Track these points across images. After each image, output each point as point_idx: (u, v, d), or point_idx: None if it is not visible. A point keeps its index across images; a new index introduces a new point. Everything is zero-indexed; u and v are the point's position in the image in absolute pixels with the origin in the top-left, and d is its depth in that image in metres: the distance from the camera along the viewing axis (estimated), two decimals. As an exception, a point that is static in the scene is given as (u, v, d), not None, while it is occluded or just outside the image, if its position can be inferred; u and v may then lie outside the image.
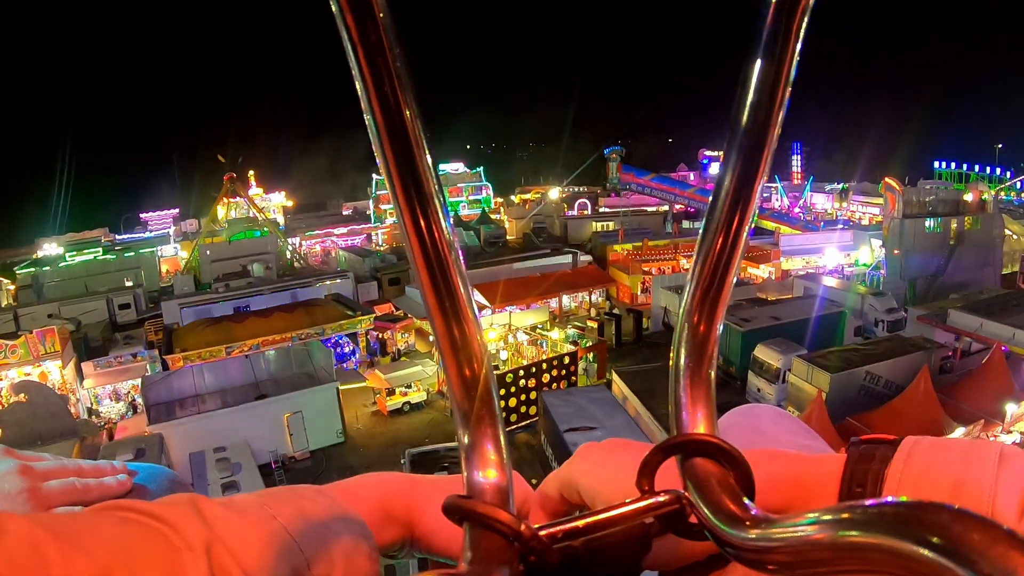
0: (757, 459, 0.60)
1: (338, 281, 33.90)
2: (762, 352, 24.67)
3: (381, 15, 0.46)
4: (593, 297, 35.03)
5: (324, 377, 23.56)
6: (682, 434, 0.63)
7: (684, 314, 0.65)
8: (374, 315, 29.38)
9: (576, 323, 29.72)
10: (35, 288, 42.04)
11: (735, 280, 0.62)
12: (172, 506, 0.54)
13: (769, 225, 46.52)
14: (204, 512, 0.55)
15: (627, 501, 0.61)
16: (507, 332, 28.09)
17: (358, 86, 0.48)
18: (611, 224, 48.84)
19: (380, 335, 29.81)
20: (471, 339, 0.58)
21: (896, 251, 34.85)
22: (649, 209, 52.47)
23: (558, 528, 0.59)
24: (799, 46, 0.52)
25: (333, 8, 0.46)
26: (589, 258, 37.49)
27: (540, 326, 29.02)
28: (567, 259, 36.79)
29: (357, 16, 0.46)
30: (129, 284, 40.58)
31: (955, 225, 36.94)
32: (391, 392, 24.80)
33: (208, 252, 43.53)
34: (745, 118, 0.56)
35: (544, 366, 24.47)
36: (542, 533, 0.57)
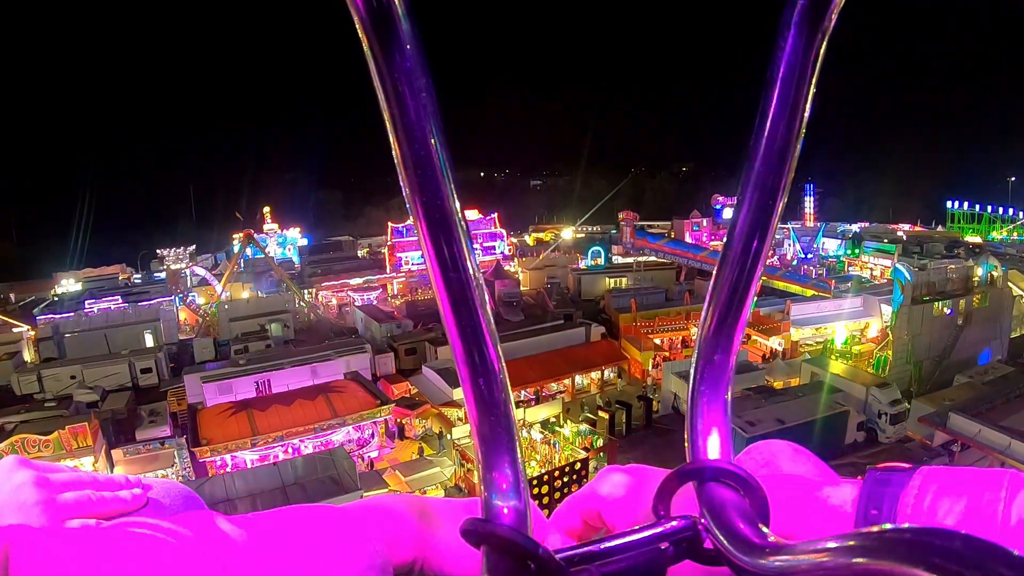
0: (773, 484, 0.62)
1: (356, 356, 34.70)
2: (766, 462, 25.44)
3: (408, 46, 0.48)
4: (606, 374, 35.75)
5: (348, 484, 24.44)
6: (698, 460, 0.65)
7: (701, 343, 0.68)
8: (393, 404, 30.23)
9: (587, 415, 30.48)
10: (55, 339, 42.80)
11: (749, 319, 0.66)
12: (188, 523, 0.55)
13: (779, 285, 47.01)
14: (220, 530, 0.56)
15: (643, 526, 0.63)
16: (521, 427, 28.87)
17: (385, 115, 0.50)
18: (624, 280, 49.50)
19: (399, 420, 30.69)
20: (491, 362, 0.60)
21: (905, 335, 35.37)
22: (663, 260, 53.01)
23: (575, 552, 0.61)
24: (815, 78, 0.55)
25: (361, 37, 0.47)
26: (603, 330, 38.10)
27: (553, 419, 29.79)
28: (580, 331, 37.43)
29: (385, 46, 0.47)
30: (150, 342, 41.60)
31: (963, 305, 37.38)
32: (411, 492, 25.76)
33: (227, 307, 44.50)
34: (762, 149, 0.57)
35: (556, 473, 25.31)
36: (559, 556, 0.58)
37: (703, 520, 0.61)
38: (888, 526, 0.39)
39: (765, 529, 0.56)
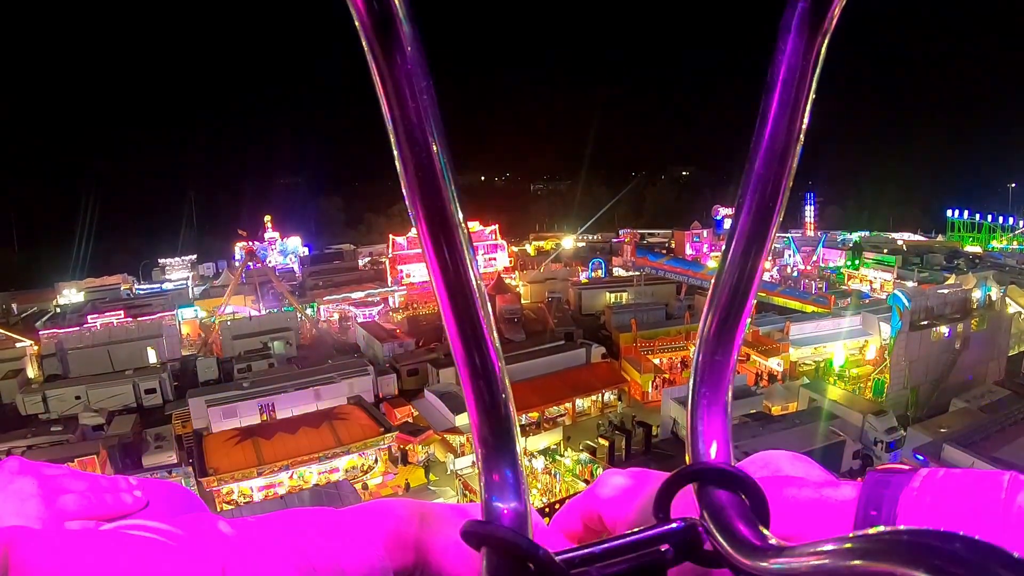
0: (773, 486, 0.64)
1: (359, 379, 35.04)
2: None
3: (409, 48, 0.48)
4: (606, 396, 36.08)
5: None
6: (698, 462, 0.66)
7: (701, 343, 0.69)
8: (396, 431, 30.60)
9: (588, 442, 30.85)
10: (59, 355, 43.01)
11: (750, 323, 0.84)
12: (189, 525, 0.56)
13: (779, 301, 47.21)
14: (220, 532, 0.57)
15: (643, 528, 0.64)
16: (524, 454, 29.25)
17: (386, 118, 0.51)
18: (624, 295, 49.80)
19: (402, 446, 31.06)
20: (492, 366, 0.62)
21: (903, 361, 35.70)
22: (665, 274, 53.04)
23: (575, 554, 0.62)
24: (815, 82, 0.55)
25: (362, 40, 0.47)
26: (603, 350, 38.39)
27: (554, 447, 30.16)
28: (580, 352, 37.72)
29: (386, 48, 0.47)
30: (152, 358, 41.97)
31: (961, 328, 37.68)
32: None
33: (229, 324, 44.85)
34: (762, 152, 0.58)
35: (557, 506, 25.68)
36: (559, 559, 0.59)
37: (703, 522, 0.61)
38: (887, 528, 0.39)
39: (765, 531, 0.56)
